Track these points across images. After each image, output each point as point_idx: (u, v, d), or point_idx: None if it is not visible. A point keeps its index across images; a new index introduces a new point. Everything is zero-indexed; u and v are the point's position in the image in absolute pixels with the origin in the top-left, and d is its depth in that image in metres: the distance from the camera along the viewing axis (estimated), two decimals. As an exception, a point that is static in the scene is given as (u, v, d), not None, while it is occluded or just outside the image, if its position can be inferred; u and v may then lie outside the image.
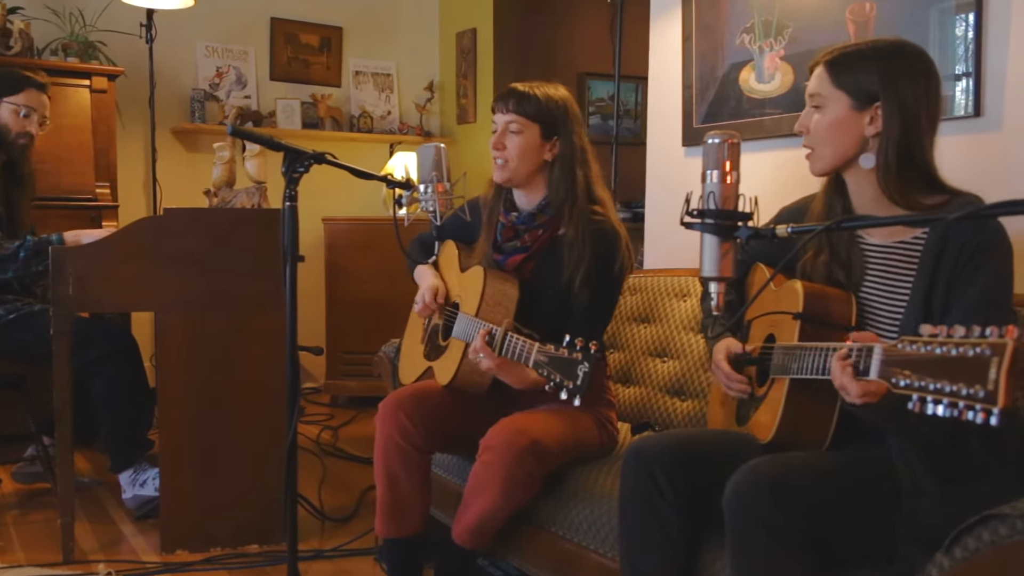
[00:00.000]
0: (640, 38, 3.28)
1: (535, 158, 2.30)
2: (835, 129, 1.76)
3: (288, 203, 1.87)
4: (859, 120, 1.74)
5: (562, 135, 2.30)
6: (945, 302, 1.64)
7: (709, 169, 1.61)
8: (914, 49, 1.77)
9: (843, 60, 1.77)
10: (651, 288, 2.81)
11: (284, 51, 5.25)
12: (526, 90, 2.30)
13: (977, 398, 1.07)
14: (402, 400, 2.26)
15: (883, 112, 1.71)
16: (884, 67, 1.72)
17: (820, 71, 1.79)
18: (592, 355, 1.83)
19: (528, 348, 1.97)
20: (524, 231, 2.35)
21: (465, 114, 5.55)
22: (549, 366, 1.90)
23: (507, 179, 2.33)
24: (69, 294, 2.62)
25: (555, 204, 2.30)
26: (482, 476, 2.09)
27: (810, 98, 1.82)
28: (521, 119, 2.28)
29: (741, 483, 1.58)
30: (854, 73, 1.74)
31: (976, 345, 1.10)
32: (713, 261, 1.60)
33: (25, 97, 3.22)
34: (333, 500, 3.24)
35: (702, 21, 2.94)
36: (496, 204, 2.41)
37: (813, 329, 1.73)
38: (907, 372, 1.21)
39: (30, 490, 3.38)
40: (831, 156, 1.79)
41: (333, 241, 4.81)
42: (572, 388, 1.84)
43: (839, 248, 1.82)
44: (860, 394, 1.46)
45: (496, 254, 2.37)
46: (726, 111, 2.87)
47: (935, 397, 1.14)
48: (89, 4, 4.54)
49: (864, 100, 1.73)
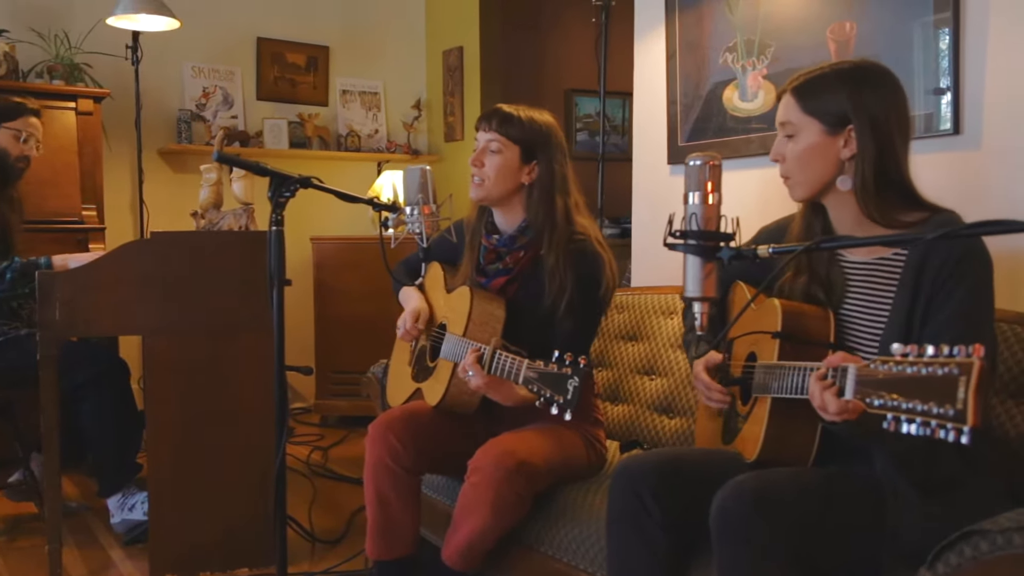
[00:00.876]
0: (626, 53, 3.32)
1: (512, 180, 2.33)
2: (810, 155, 1.79)
3: (274, 227, 1.90)
4: (834, 144, 1.76)
5: (541, 160, 2.33)
6: (925, 318, 1.67)
7: (691, 190, 1.64)
8: (877, 67, 1.81)
9: (809, 86, 1.79)
10: (638, 306, 2.85)
11: (271, 71, 5.29)
12: (511, 111, 2.34)
13: (948, 417, 1.10)
14: (391, 422, 2.29)
15: (856, 133, 1.74)
16: (851, 88, 1.75)
17: (788, 99, 1.82)
18: (582, 370, 1.86)
19: (517, 365, 2.00)
20: (506, 253, 2.38)
21: (452, 132, 5.60)
22: (539, 382, 1.93)
23: (482, 197, 2.36)
24: (56, 318, 2.64)
25: (534, 228, 2.34)
26: (471, 497, 2.12)
27: (781, 127, 1.84)
28: (502, 139, 2.32)
29: (727, 499, 1.61)
30: (822, 98, 1.77)
31: (944, 364, 1.13)
32: (696, 281, 1.63)
33: (23, 123, 3.30)
34: (323, 522, 3.25)
35: (686, 39, 2.99)
36: (478, 226, 2.44)
37: (792, 347, 1.76)
38: (881, 392, 1.25)
39: (17, 515, 3.38)
40: (809, 182, 1.81)
41: (321, 260, 4.84)
42: (563, 403, 1.87)
43: (818, 267, 1.85)
44: (838, 412, 1.49)
45: (479, 276, 2.41)
46: (711, 129, 2.92)
47: (908, 416, 1.17)
48: (75, 26, 4.57)
49: (836, 124, 1.75)
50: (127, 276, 2.69)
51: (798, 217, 1.93)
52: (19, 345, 3.11)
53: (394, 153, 5.56)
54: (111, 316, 2.70)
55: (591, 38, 3.92)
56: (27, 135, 3.31)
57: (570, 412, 1.85)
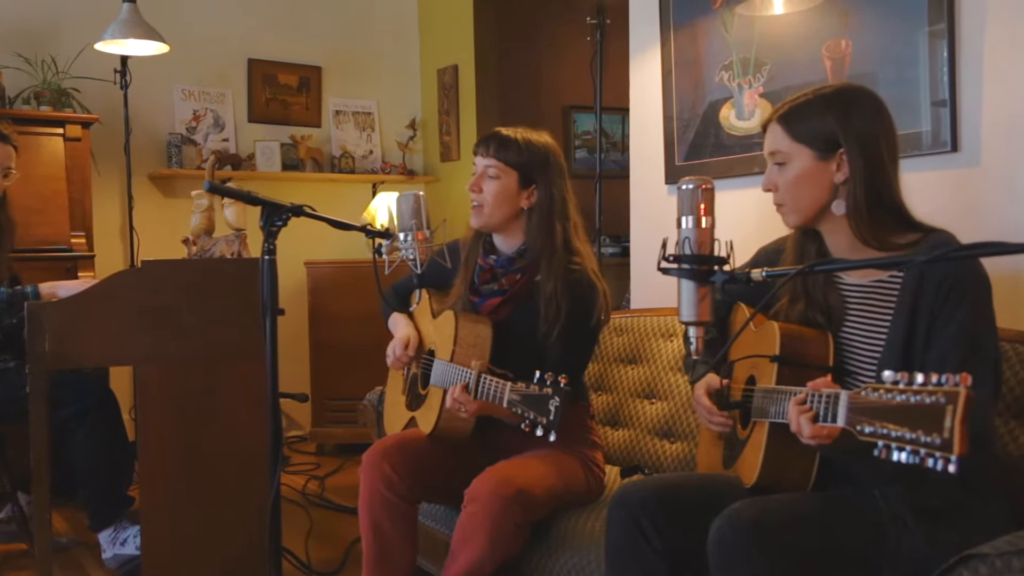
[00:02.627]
0: (623, 68, 3.37)
1: (511, 205, 2.38)
2: (804, 182, 1.82)
3: (267, 256, 1.94)
4: (826, 169, 1.80)
5: (540, 184, 2.37)
6: (927, 340, 1.70)
7: (684, 214, 1.68)
8: (861, 89, 1.85)
9: (796, 113, 1.83)
10: (638, 328, 2.88)
11: (262, 92, 5.36)
12: (508, 135, 2.38)
13: (935, 446, 1.14)
14: (386, 450, 2.33)
15: (848, 156, 1.77)
16: (838, 111, 1.79)
17: (774, 128, 1.86)
18: (562, 389, 1.90)
19: (501, 388, 2.05)
20: (502, 274, 2.42)
21: (448, 152, 5.65)
22: (522, 404, 1.97)
23: (482, 224, 2.41)
24: (46, 350, 2.66)
25: (533, 252, 2.38)
26: (468, 527, 2.15)
27: (770, 156, 1.88)
28: (499, 164, 2.36)
29: (724, 527, 1.64)
30: (810, 124, 1.81)
31: (932, 393, 1.17)
32: (691, 306, 1.68)
33: None
34: (320, 553, 3.28)
35: (681, 58, 3.04)
36: (475, 246, 2.49)
37: (791, 371, 1.80)
38: (872, 420, 1.28)
39: (6, 551, 3.41)
40: (804, 209, 1.84)
41: (316, 285, 4.87)
42: (546, 424, 1.91)
43: (815, 293, 1.88)
44: (811, 436, 1.54)
45: (473, 296, 2.45)
46: (707, 148, 2.97)
47: (898, 444, 1.21)
48: (62, 51, 4.63)
49: (827, 148, 1.79)
50: (118, 306, 2.72)
51: (791, 242, 1.97)
52: (7, 378, 3.13)
53: (389, 174, 5.61)
54: (102, 347, 2.73)
55: (588, 53, 3.98)
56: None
57: (554, 433, 1.89)
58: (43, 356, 2.67)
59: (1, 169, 3.25)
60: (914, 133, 2.36)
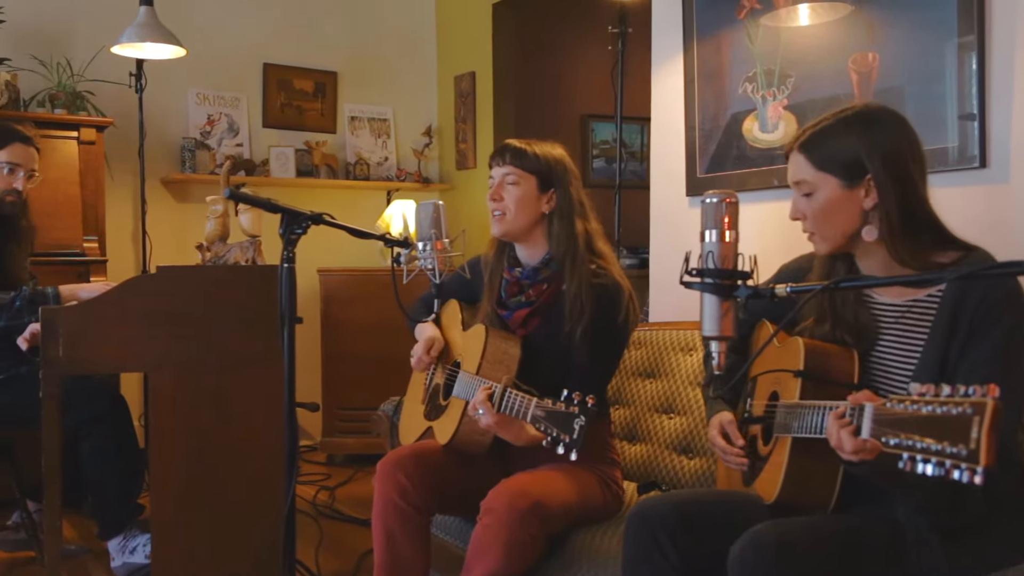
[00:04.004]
0: (644, 77, 3.39)
1: (533, 210, 2.42)
2: (832, 211, 1.81)
3: (286, 264, 1.97)
4: (854, 196, 1.79)
5: (559, 188, 2.42)
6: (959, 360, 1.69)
7: (708, 228, 1.70)
8: (880, 107, 1.85)
9: (816, 140, 1.82)
10: (656, 342, 2.90)
11: (277, 97, 5.40)
12: (521, 145, 2.44)
13: (961, 456, 1.16)
14: (401, 460, 2.35)
15: (875, 180, 1.76)
16: (859, 132, 1.78)
17: (797, 157, 1.85)
18: (589, 409, 1.92)
19: (526, 403, 2.07)
20: (528, 286, 2.45)
21: (464, 160, 5.68)
22: (547, 420, 1.99)
23: (505, 232, 2.44)
24: (59, 355, 2.69)
25: (557, 258, 2.41)
26: (483, 540, 2.16)
27: (795, 186, 1.87)
28: (518, 171, 2.41)
29: (745, 549, 1.65)
30: (832, 149, 1.80)
31: (959, 404, 1.19)
32: (713, 320, 1.69)
33: (9, 152, 3.23)
34: (331, 564, 3.29)
35: (704, 69, 3.06)
36: (499, 262, 2.52)
37: (815, 387, 1.81)
38: (897, 431, 1.30)
39: (13, 559, 3.44)
40: (834, 236, 1.83)
41: (329, 293, 4.91)
42: (568, 442, 1.93)
43: (844, 312, 1.87)
44: (854, 451, 1.53)
45: (500, 310, 2.48)
46: (730, 160, 2.99)
47: (923, 456, 1.22)
48: (77, 54, 4.69)
49: (853, 176, 1.78)
50: (132, 311, 2.75)
51: (818, 261, 1.96)
52: (17, 383, 3.17)
53: (404, 182, 5.65)
54: (116, 352, 2.75)
55: (607, 62, 4.01)
56: (12, 166, 3.22)
57: (575, 452, 1.92)
58: (57, 361, 2.69)
59: (25, 171, 3.28)
60: (941, 148, 2.37)
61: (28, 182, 3.31)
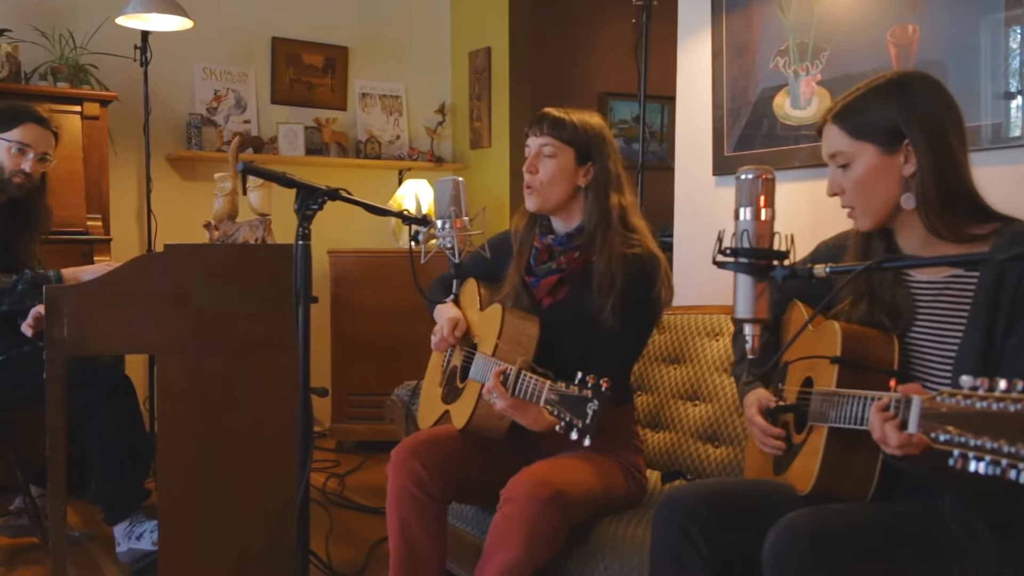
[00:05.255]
0: (664, 56, 3.36)
1: (568, 183, 2.38)
2: (872, 181, 1.79)
3: (301, 242, 1.94)
4: (894, 163, 1.77)
5: (596, 161, 2.39)
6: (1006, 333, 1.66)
7: (742, 206, 1.67)
8: (916, 73, 1.84)
9: (851, 110, 1.81)
10: (681, 327, 2.87)
11: (286, 73, 5.37)
12: (561, 115, 2.40)
13: (1020, 457, 1.12)
14: (416, 446, 2.33)
15: (913, 145, 1.74)
16: (895, 99, 1.77)
17: (831, 129, 1.83)
18: (603, 393, 1.89)
19: (540, 386, 2.04)
20: (560, 252, 2.42)
21: (479, 138, 5.64)
22: (560, 404, 1.96)
23: (539, 206, 2.41)
24: (64, 336, 2.67)
25: (589, 228, 2.38)
26: (503, 529, 2.13)
27: (831, 159, 1.85)
28: (556, 142, 2.37)
29: (780, 537, 1.62)
30: (868, 118, 1.78)
31: (1017, 401, 1.15)
32: (748, 302, 1.66)
33: (21, 132, 3.19)
34: (341, 553, 3.28)
35: (733, 42, 3.02)
36: (530, 231, 2.49)
37: (852, 373, 1.77)
38: (947, 427, 1.26)
39: (15, 545, 3.43)
40: (877, 208, 1.81)
41: (339, 275, 4.88)
42: (582, 427, 1.90)
43: (881, 292, 1.85)
44: (899, 445, 1.50)
45: (528, 276, 2.45)
46: (759, 138, 2.95)
47: (976, 454, 1.18)
48: (80, 26, 4.65)
49: (891, 141, 1.76)
50: (139, 291, 2.73)
51: (853, 239, 1.93)
52: (19, 364, 3.16)
53: (416, 161, 5.61)
54: (122, 334, 2.74)
55: (627, 39, 3.95)
56: (22, 146, 3.18)
57: (589, 438, 1.88)
58: (61, 342, 2.68)
59: (36, 154, 3.24)
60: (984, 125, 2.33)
61: (40, 165, 3.27)
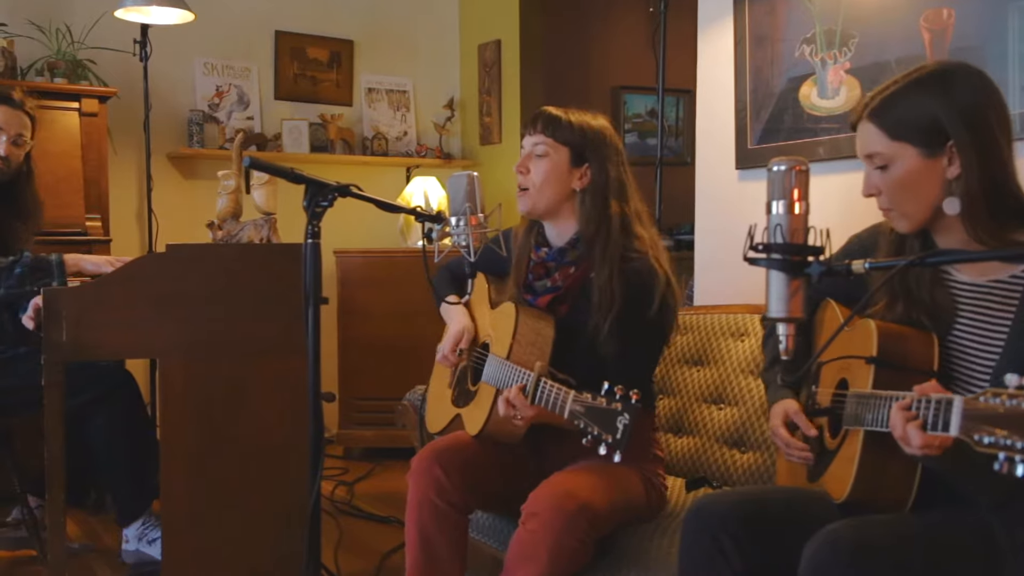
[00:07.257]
0: (680, 48, 3.33)
1: (561, 186, 2.33)
2: (912, 184, 1.74)
3: (311, 240, 1.91)
4: (936, 166, 1.71)
5: (594, 162, 2.33)
6: None
7: (775, 199, 1.63)
8: (958, 64, 1.77)
9: (889, 106, 1.74)
10: (703, 327, 2.83)
11: (290, 67, 5.35)
12: (557, 113, 2.36)
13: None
14: (438, 453, 2.29)
15: (958, 147, 1.68)
16: (937, 94, 1.70)
17: (867, 127, 1.77)
18: (633, 405, 1.84)
19: (563, 397, 1.99)
20: (554, 268, 2.38)
21: (489, 134, 5.62)
22: (586, 417, 1.91)
23: (529, 209, 2.37)
24: (62, 340, 2.65)
25: (586, 239, 2.33)
26: (527, 544, 2.08)
27: (867, 159, 1.79)
28: (548, 141, 2.33)
29: (820, 551, 1.59)
30: (907, 116, 1.72)
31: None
32: (781, 300, 1.62)
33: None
34: (351, 564, 3.25)
35: (756, 31, 2.98)
36: (527, 240, 2.45)
37: (889, 374, 1.73)
38: (992, 428, 1.23)
39: (13, 557, 3.41)
40: (917, 212, 1.76)
41: (346, 276, 4.86)
42: (611, 443, 1.85)
43: (919, 292, 1.80)
44: (920, 446, 1.48)
45: (526, 294, 2.41)
46: (784, 130, 2.91)
47: (1023, 457, 1.15)
48: (77, 19, 4.64)
49: (933, 143, 1.70)
50: (141, 293, 2.71)
51: (886, 236, 1.89)
52: (16, 366, 3.14)
53: (424, 157, 5.59)
54: (123, 337, 2.72)
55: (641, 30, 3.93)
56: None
57: (619, 454, 1.84)
58: (60, 346, 2.65)
59: (9, 136, 3.20)
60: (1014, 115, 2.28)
61: (16, 149, 3.23)
